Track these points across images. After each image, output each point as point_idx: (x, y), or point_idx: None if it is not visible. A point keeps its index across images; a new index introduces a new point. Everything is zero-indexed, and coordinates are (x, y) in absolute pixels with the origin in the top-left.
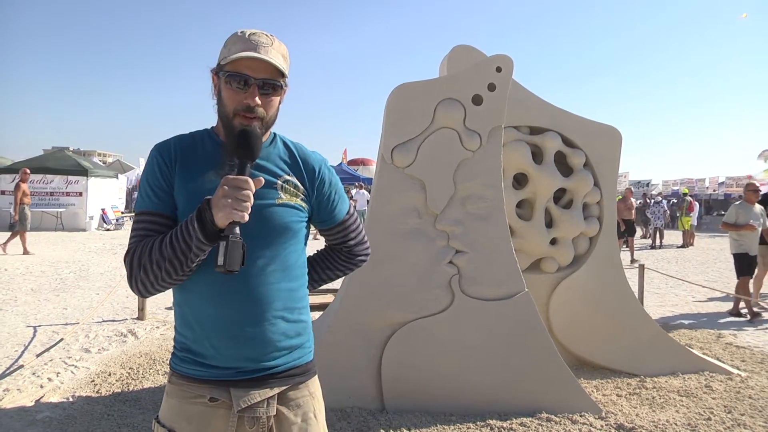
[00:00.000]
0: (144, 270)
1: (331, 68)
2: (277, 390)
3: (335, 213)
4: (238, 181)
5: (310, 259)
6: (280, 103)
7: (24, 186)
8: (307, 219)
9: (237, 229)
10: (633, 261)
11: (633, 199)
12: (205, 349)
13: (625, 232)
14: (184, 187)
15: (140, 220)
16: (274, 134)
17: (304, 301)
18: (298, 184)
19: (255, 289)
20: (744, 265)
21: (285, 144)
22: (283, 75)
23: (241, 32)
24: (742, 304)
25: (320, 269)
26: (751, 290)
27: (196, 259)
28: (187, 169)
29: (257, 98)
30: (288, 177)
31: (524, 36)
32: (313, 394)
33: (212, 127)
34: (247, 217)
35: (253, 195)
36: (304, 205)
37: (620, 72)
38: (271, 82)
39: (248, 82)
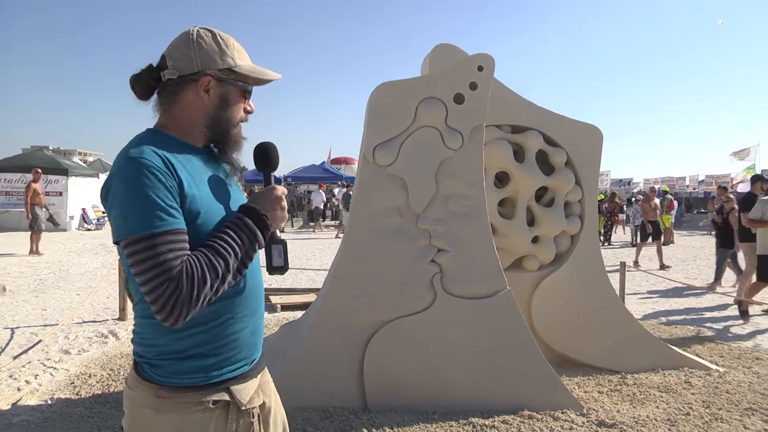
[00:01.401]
0: (214, 289)
1: (316, 66)
2: (259, 377)
3: None
4: (282, 192)
5: None
6: None
7: (35, 186)
8: None
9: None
10: (663, 267)
11: (657, 200)
12: (211, 351)
13: (651, 234)
14: (198, 197)
15: (175, 239)
16: None
17: None
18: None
19: (259, 285)
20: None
21: None
22: None
23: (227, 37)
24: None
25: None
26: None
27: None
28: (192, 179)
29: None
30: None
31: (507, 35)
32: (270, 379)
33: (159, 132)
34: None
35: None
36: None
37: (601, 71)
38: None
39: (251, 92)
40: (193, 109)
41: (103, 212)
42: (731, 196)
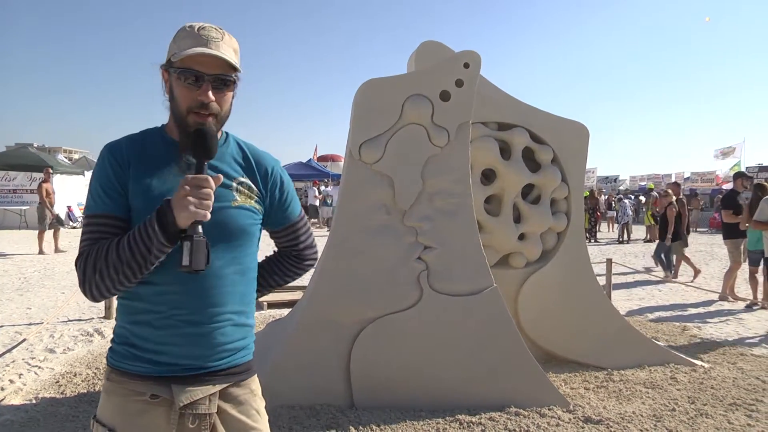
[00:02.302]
0: (100, 274)
1: (301, 61)
2: (219, 387)
3: (288, 214)
4: (198, 180)
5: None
6: (233, 98)
7: (46, 186)
8: (260, 221)
9: (200, 228)
10: (696, 273)
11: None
12: (152, 344)
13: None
14: (140, 188)
15: (92, 222)
16: (227, 134)
17: (252, 305)
18: (252, 185)
19: (211, 290)
20: None
21: (238, 144)
22: (235, 69)
23: (190, 26)
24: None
25: (268, 275)
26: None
27: (156, 261)
28: (142, 170)
29: (210, 94)
30: (242, 179)
31: (493, 33)
32: (254, 392)
33: (163, 126)
34: (209, 216)
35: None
36: (258, 207)
37: (587, 69)
38: (224, 77)
39: (201, 78)
40: (170, 103)
41: None
42: (669, 191)
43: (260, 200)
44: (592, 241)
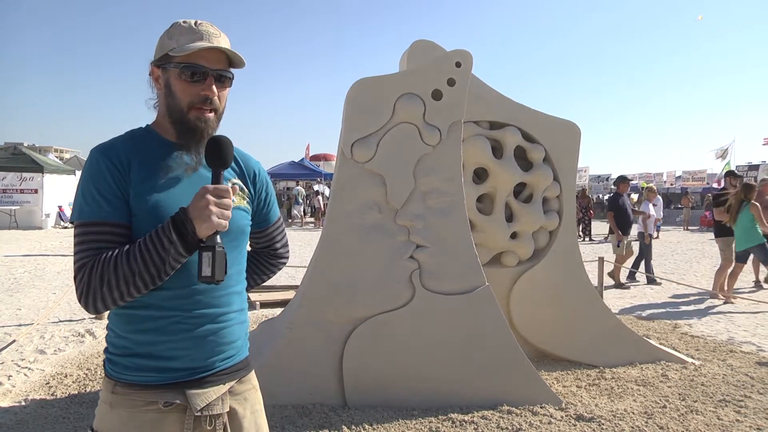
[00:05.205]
0: (108, 286)
1: (293, 61)
2: (228, 385)
3: (270, 215)
4: (220, 191)
5: None
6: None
7: None
8: (251, 222)
9: (218, 238)
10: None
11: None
12: (163, 351)
13: None
14: (143, 193)
15: (90, 231)
16: None
17: (245, 302)
18: (244, 187)
19: (219, 291)
20: None
21: None
22: (230, 66)
23: (185, 22)
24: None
25: (248, 274)
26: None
27: (172, 271)
28: (144, 174)
29: (214, 88)
30: (235, 180)
31: (484, 33)
32: (255, 387)
33: (149, 126)
34: (227, 226)
35: None
36: (249, 208)
37: (579, 68)
38: (225, 73)
39: (205, 73)
40: (160, 102)
41: None
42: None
43: (250, 201)
44: (586, 239)
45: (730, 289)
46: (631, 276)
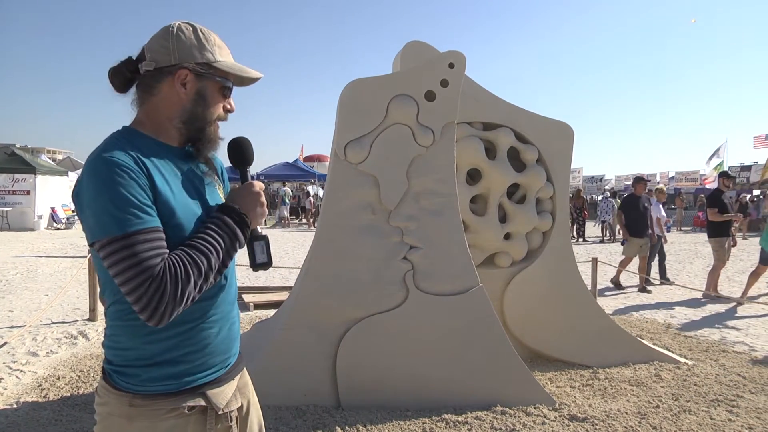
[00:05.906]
0: (197, 287)
1: (286, 61)
2: (236, 380)
3: None
4: (260, 187)
5: None
6: None
7: None
8: None
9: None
10: None
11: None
12: (186, 356)
13: None
14: (165, 198)
15: (153, 238)
16: None
17: None
18: (221, 182)
19: (230, 288)
20: None
21: None
22: None
23: (209, 32)
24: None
25: None
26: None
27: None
28: (164, 179)
29: None
30: (216, 177)
31: (478, 33)
32: (249, 381)
33: (132, 127)
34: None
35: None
36: None
37: (572, 68)
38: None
39: (230, 89)
40: (168, 103)
41: (73, 211)
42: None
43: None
44: (580, 240)
45: (749, 289)
46: (647, 282)
